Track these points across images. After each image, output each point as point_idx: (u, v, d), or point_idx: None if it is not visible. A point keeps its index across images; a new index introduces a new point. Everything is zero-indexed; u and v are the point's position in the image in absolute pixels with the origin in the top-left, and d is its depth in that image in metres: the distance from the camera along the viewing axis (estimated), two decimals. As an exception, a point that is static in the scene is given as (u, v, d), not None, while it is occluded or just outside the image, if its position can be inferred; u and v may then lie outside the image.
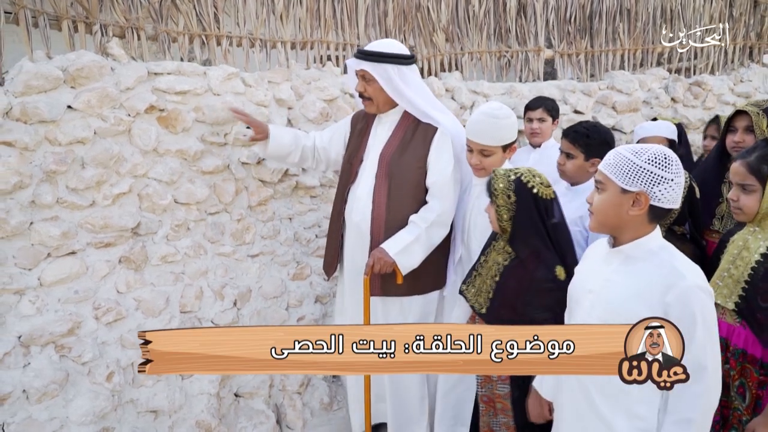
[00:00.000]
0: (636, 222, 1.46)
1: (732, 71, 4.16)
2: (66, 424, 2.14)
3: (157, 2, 2.51)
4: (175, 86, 2.44)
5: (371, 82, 2.38)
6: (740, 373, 1.85)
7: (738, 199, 1.86)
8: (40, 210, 2.12)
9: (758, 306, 1.78)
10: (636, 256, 1.47)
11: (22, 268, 2.08)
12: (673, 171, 1.42)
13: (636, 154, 1.44)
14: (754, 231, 1.88)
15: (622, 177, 1.44)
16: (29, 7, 2.14)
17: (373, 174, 2.43)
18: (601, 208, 1.49)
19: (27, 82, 2.05)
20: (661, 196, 1.42)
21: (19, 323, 2.07)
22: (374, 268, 2.28)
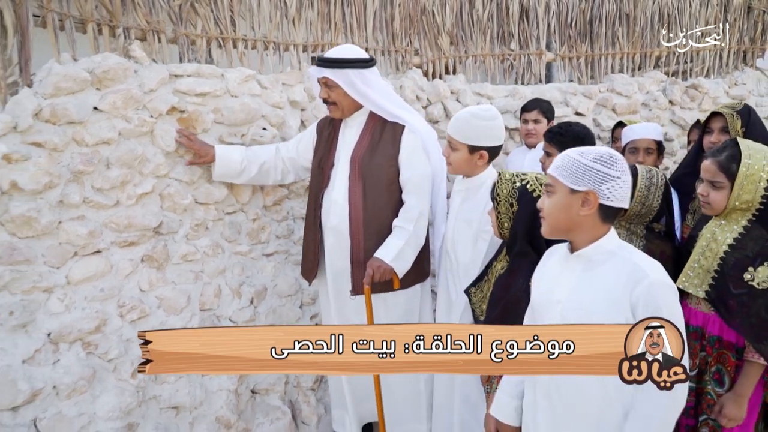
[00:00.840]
0: (589, 223, 1.46)
1: (727, 75, 4.29)
2: (93, 419, 2.18)
3: (177, 6, 2.56)
4: (195, 88, 2.48)
5: (334, 88, 2.43)
6: (717, 360, 1.95)
7: (708, 194, 1.96)
8: (68, 209, 2.16)
9: (730, 293, 1.88)
10: (597, 259, 1.48)
11: (51, 266, 2.12)
12: (618, 169, 1.44)
13: (582, 155, 1.46)
14: (721, 224, 1.98)
15: (569, 177, 1.45)
16: (56, 10, 2.18)
17: (346, 176, 2.48)
18: (551, 211, 1.50)
19: (56, 84, 2.09)
20: (609, 194, 1.43)
21: (48, 321, 2.10)
22: (374, 276, 2.33)
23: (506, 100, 3.81)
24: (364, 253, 2.45)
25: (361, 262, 2.45)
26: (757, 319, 1.83)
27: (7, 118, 1.98)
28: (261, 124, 2.76)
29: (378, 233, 2.46)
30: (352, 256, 2.48)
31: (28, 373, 2.02)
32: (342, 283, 2.54)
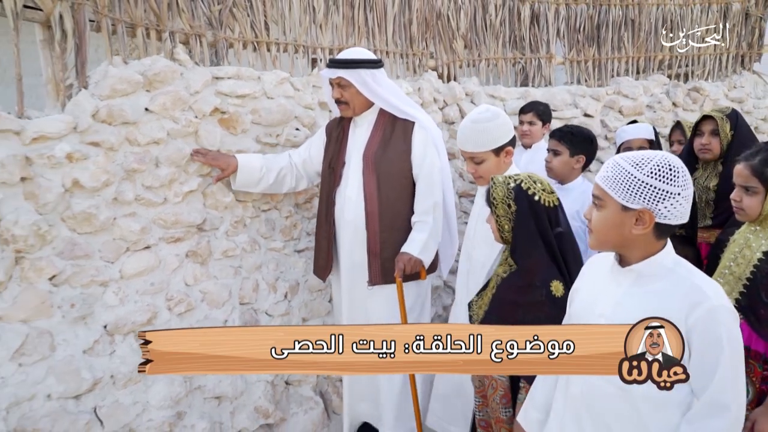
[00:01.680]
0: (642, 240, 1.34)
1: (726, 78, 4.47)
2: (147, 408, 2.27)
3: (217, 11, 2.65)
4: (236, 90, 2.58)
5: (347, 88, 2.52)
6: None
7: (741, 200, 1.89)
8: (121, 206, 2.25)
9: (762, 301, 1.82)
10: (649, 275, 1.35)
11: (107, 261, 2.20)
12: (680, 184, 1.28)
13: (637, 167, 1.29)
14: (755, 230, 1.92)
15: (621, 193, 1.30)
16: (109, 15, 2.27)
17: (359, 173, 2.55)
18: (601, 227, 1.37)
19: (113, 86, 2.17)
20: (667, 212, 1.29)
21: (105, 313, 2.19)
22: (406, 269, 2.42)
23: (518, 102, 3.94)
24: (381, 244, 2.53)
25: (378, 253, 2.53)
26: None
27: (69, 118, 2.06)
28: (294, 125, 2.86)
29: (393, 225, 2.54)
30: (369, 248, 2.55)
31: (89, 363, 2.11)
32: (357, 277, 2.61)
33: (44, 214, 2.00)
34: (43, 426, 1.96)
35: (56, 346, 2.04)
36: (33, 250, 1.98)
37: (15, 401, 1.92)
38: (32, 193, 1.97)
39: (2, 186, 1.89)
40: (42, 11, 2.07)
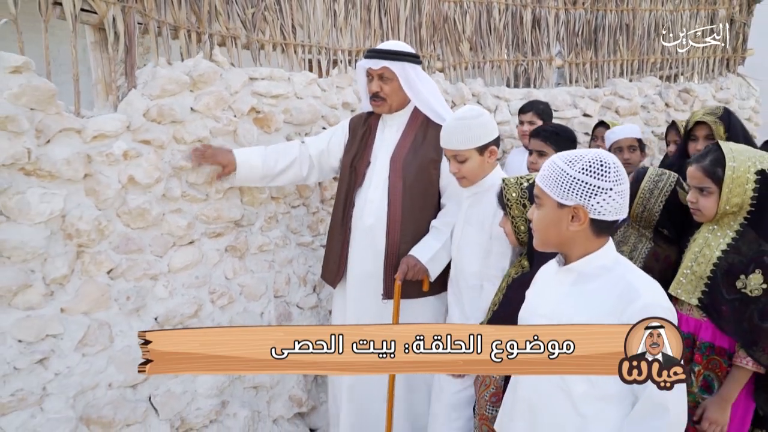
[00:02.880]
0: (581, 237, 1.34)
1: (713, 80, 4.73)
2: (195, 396, 2.36)
3: (250, 14, 2.74)
4: (271, 90, 2.68)
5: (389, 81, 2.38)
6: (707, 366, 1.90)
7: (697, 201, 1.92)
8: (169, 202, 2.32)
9: (723, 299, 1.85)
10: (588, 274, 1.36)
11: (156, 255, 2.28)
12: (611, 179, 1.29)
13: (569, 164, 1.32)
14: (713, 229, 1.94)
15: (556, 190, 1.32)
16: (155, 18, 2.34)
17: (384, 176, 2.41)
18: (540, 225, 1.39)
19: (163, 86, 2.25)
20: (600, 208, 1.29)
21: (156, 305, 2.27)
22: (408, 274, 2.28)
23: (521, 103, 4.08)
24: (398, 256, 2.37)
25: (395, 264, 2.37)
26: (749, 324, 1.81)
27: (123, 117, 2.14)
28: (321, 124, 2.97)
29: (415, 235, 2.38)
30: (387, 258, 2.39)
31: (144, 354, 2.18)
32: (368, 287, 2.44)
33: (103, 210, 2.08)
34: (106, 413, 2.03)
35: (114, 337, 2.11)
36: (93, 245, 2.05)
37: (81, 390, 1.99)
38: (93, 189, 2.04)
39: (68, 183, 1.96)
40: (96, 14, 2.14)
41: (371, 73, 2.42)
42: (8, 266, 1.83)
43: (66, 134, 1.97)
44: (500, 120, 4.01)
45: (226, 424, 2.48)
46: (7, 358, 1.82)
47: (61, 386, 1.94)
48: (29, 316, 1.88)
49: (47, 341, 1.92)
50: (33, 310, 1.89)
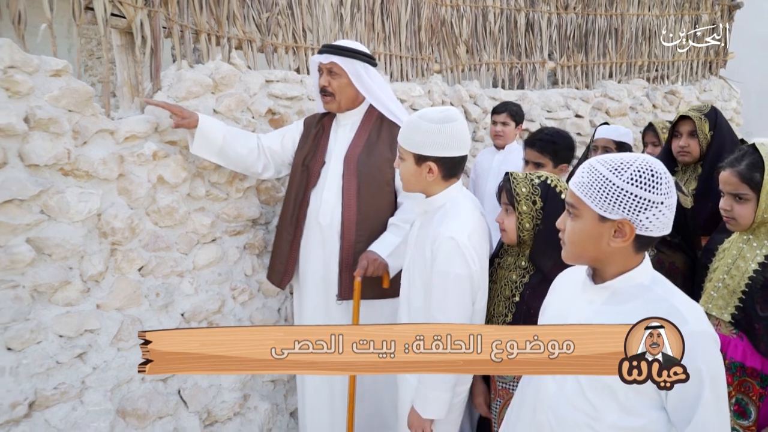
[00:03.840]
0: (620, 254, 1.22)
1: (696, 82, 4.93)
2: (220, 390, 2.42)
3: (265, 18, 2.82)
4: (286, 92, 2.76)
5: (338, 77, 2.36)
6: (738, 389, 1.76)
7: (731, 208, 1.76)
8: (194, 201, 2.39)
9: (757, 315, 1.71)
10: (624, 293, 1.24)
11: (182, 252, 2.34)
12: (662, 192, 1.16)
13: (615, 173, 1.17)
14: (748, 239, 1.79)
15: (599, 201, 1.18)
16: (178, 22, 2.41)
17: (338, 176, 2.37)
18: (576, 239, 1.25)
19: (188, 88, 2.32)
20: (649, 224, 1.17)
21: (182, 302, 2.33)
22: (368, 269, 2.19)
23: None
24: (354, 256, 2.31)
25: (350, 265, 2.31)
26: None
27: (152, 119, 2.20)
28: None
29: (370, 235, 2.33)
30: (342, 259, 2.33)
31: (173, 348, 2.25)
32: (323, 290, 2.40)
33: (134, 209, 2.14)
34: (141, 406, 2.09)
35: (146, 333, 2.17)
36: (125, 243, 2.11)
37: (117, 383, 2.05)
38: (125, 188, 2.10)
39: (103, 182, 2.02)
40: (125, 18, 2.20)
41: (322, 68, 2.40)
42: (49, 263, 1.88)
43: (101, 135, 2.03)
44: (496, 121, 4.13)
45: (248, 416, 2.55)
46: (49, 352, 1.87)
47: (99, 380, 2.00)
48: (68, 312, 1.94)
49: (85, 336, 1.98)
50: (72, 306, 1.95)
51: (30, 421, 1.81)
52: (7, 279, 1.78)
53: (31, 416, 1.82)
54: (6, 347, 1.78)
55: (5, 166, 1.75)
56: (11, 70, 1.74)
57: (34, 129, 1.81)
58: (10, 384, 1.77)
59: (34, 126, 1.81)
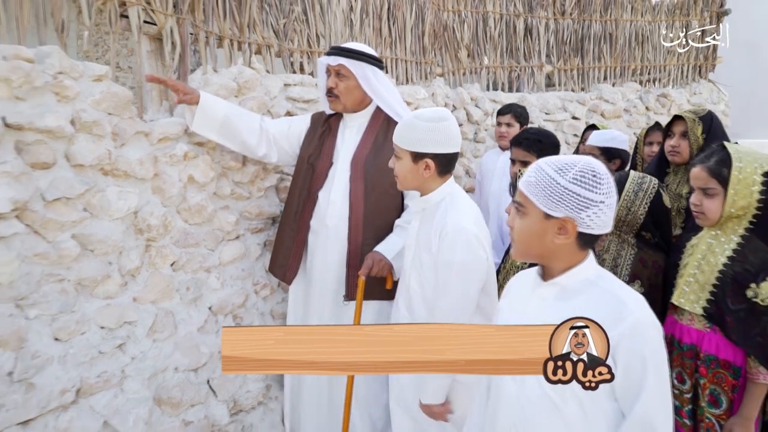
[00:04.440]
0: (565, 250, 1.28)
1: (686, 85, 5.11)
2: (245, 381, 2.54)
3: (282, 24, 2.94)
4: (303, 95, 2.88)
5: (345, 79, 2.39)
6: (712, 381, 1.83)
7: (701, 203, 1.84)
8: (219, 200, 2.50)
9: (728, 309, 1.76)
10: (572, 288, 1.30)
11: (209, 249, 2.45)
12: (602, 191, 1.23)
13: (560, 173, 1.24)
14: (716, 234, 1.86)
15: (544, 200, 1.25)
16: (204, 29, 2.52)
17: (346, 178, 2.40)
18: (523, 236, 1.31)
19: (215, 92, 2.43)
20: (590, 221, 1.24)
21: (210, 296, 2.44)
22: (373, 269, 2.22)
23: (516, 106, 4.40)
24: (361, 257, 2.32)
25: (357, 267, 2.32)
26: (763, 338, 1.73)
27: (182, 121, 2.31)
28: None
29: (377, 238, 2.35)
30: (349, 261, 2.36)
31: (203, 340, 2.36)
32: (329, 290, 2.42)
33: (167, 207, 2.24)
34: (175, 395, 2.20)
35: (178, 325, 2.28)
36: (159, 239, 2.22)
37: (153, 373, 2.15)
38: (159, 187, 2.20)
39: (139, 182, 2.12)
40: (155, 25, 2.31)
41: (330, 69, 2.43)
42: (92, 258, 1.99)
43: (137, 137, 2.13)
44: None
45: (270, 406, 2.67)
46: (92, 342, 1.98)
47: (137, 369, 2.11)
48: (109, 304, 2.04)
49: (124, 328, 2.09)
50: (112, 299, 2.05)
51: (77, 407, 1.91)
52: (55, 273, 1.88)
53: (77, 402, 1.92)
54: (54, 337, 1.88)
55: (54, 166, 1.85)
56: (60, 76, 1.84)
57: (80, 131, 1.91)
58: (58, 372, 1.87)
59: (80, 128, 1.91)
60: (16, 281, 1.76)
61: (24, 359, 1.77)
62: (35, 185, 1.80)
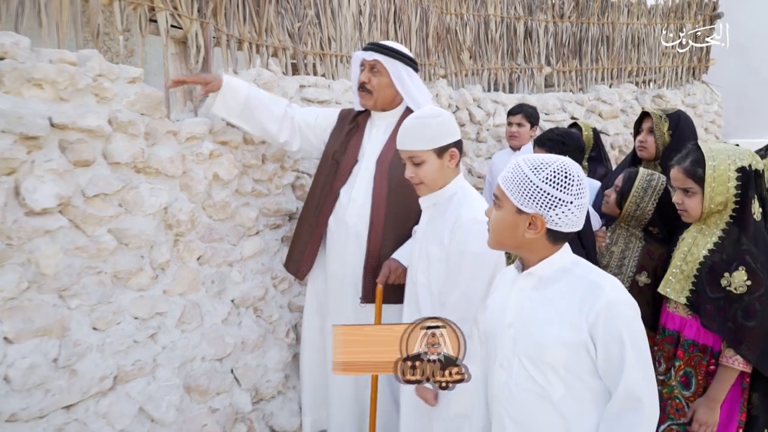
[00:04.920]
0: (537, 244, 1.34)
1: (680, 86, 5.27)
2: (266, 370, 2.64)
3: (297, 28, 3.04)
4: (318, 96, 2.99)
5: (379, 75, 2.39)
6: (687, 363, 1.93)
7: (682, 202, 1.95)
8: (241, 197, 2.60)
9: (707, 297, 1.87)
10: (549, 277, 1.35)
11: (231, 244, 2.55)
12: (571, 192, 1.28)
13: (534, 171, 1.30)
14: (701, 228, 1.97)
15: (517, 195, 1.30)
16: (225, 32, 2.62)
17: (369, 176, 2.40)
18: (496, 227, 1.37)
19: (238, 93, 2.53)
20: (558, 220, 1.29)
21: (232, 289, 2.54)
22: (390, 278, 2.24)
23: (516, 107, 4.52)
24: (379, 260, 2.33)
25: (374, 269, 2.33)
26: (734, 323, 1.82)
27: (207, 121, 2.41)
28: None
29: (397, 241, 2.35)
30: (367, 262, 2.36)
31: (227, 331, 2.46)
32: (348, 290, 2.43)
33: (194, 203, 2.34)
34: (203, 383, 2.30)
35: (204, 316, 2.38)
36: (186, 234, 2.31)
37: (182, 362, 2.25)
38: (187, 185, 2.30)
39: (169, 179, 2.22)
40: (181, 29, 2.41)
41: (364, 63, 2.43)
42: (126, 252, 2.08)
43: (167, 136, 2.23)
44: (498, 122, 4.40)
45: (288, 395, 2.77)
46: (127, 332, 2.07)
47: (168, 358, 2.20)
48: (142, 296, 2.13)
49: (156, 318, 2.18)
50: (144, 291, 2.15)
51: (115, 393, 2.01)
52: (93, 265, 1.97)
53: (115, 389, 2.01)
54: (92, 327, 1.98)
55: (93, 164, 1.95)
56: (100, 78, 1.94)
57: (116, 131, 2.01)
58: (97, 360, 1.96)
59: (116, 128, 2.01)
60: (59, 273, 1.85)
61: (67, 347, 1.87)
62: (76, 182, 1.89)
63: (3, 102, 1.67)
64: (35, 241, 1.78)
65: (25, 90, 1.75)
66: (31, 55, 1.77)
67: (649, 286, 2.19)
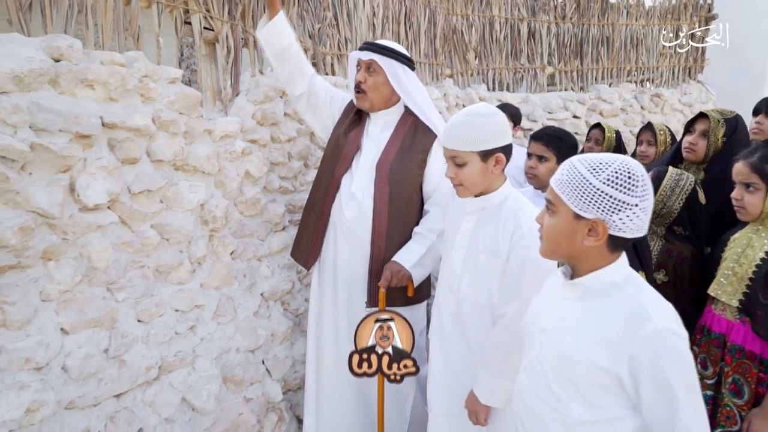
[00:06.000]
0: (594, 252, 1.23)
1: (677, 86, 5.41)
2: (294, 362, 2.72)
3: (317, 29, 3.12)
4: (338, 96, 3.07)
5: (374, 75, 2.38)
6: (735, 370, 1.84)
7: (742, 198, 1.86)
8: (269, 194, 2.68)
9: (759, 303, 1.78)
10: (595, 291, 1.24)
11: (260, 239, 2.63)
12: (638, 194, 1.17)
13: (593, 172, 1.18)
14: (757, 230, 1.88)
15: (575, 200, 1.19)
16: (253, 34, 2.69)
17: (369, 178, 2.40)
18: (552, 234, 1.26)
19: (266, 93, 2.61)
20: (622, 225, 1.17)
21: (262, 283, 2.62)
22: (392, 281, 2.21)
23: (520, 106, 4.63)
24: (383, 264, 2.32)
25: (379, 273, 2.31)
26: None
27: (238, 120, 2.49)
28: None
29: (400, 243, 2.36)
30: (372, 266, 2.36)
31: (258, 324, 2.54)
32: (355, 289, 2.44)
33: (228, 200, 2.42)
34: (238, 373, 2.37)
35: (237, 309, 2.46)
36: (220, 230, 2.39)
37: (219, 353, 2.33)
38: (221, 182, 2.37)
39: (205, 176, 2.30)
40: (212, 31, 2.48)
41: (360, 63, 2.43)
42: (167, 247, 2.15)
43: (203, 135, 2.30)
44: (504, 121, 4.51)
45: (313, 386, 2.85)
46: (169, 324, 2.14)
47: (206, 349, 2.28)
48: (181, 289, 2.21)
49: (194, 311, 2.25)
50: (183, 285, 2.22)
51: (159, 383, 2.08)
52: (138, 260, 2.05)
53: (159, 379, 2.09)
54: (137, 319, 2.05)
55: (139, 162, 2.02)
56: (145, 79, 2.01)
57: (159, 129, 2.08)
58: (143, 350, 2.03)
59: (159, 127, 2.08)
60: (109, 267, 1.92)
61: (116, 338, 1.94)
62: (124, 179, 1.96)
63: (60, 102, 1.74)
64: (88, 236, 1.85)
65: (78, 90, 1.82)
66: (84, 57, 1.84)
67: (667, 284, 2.22)
